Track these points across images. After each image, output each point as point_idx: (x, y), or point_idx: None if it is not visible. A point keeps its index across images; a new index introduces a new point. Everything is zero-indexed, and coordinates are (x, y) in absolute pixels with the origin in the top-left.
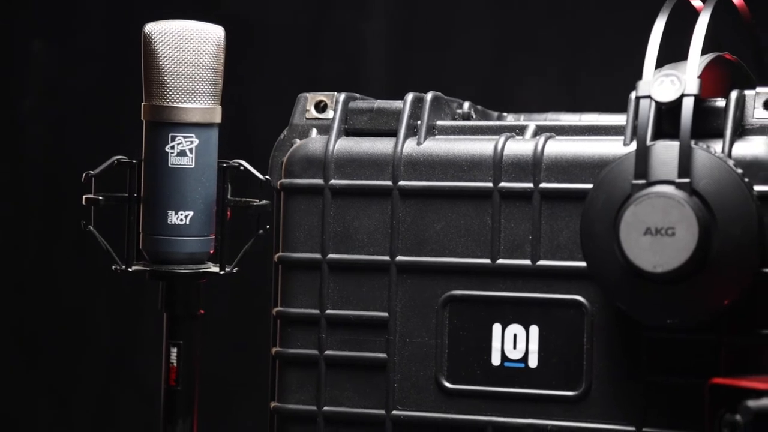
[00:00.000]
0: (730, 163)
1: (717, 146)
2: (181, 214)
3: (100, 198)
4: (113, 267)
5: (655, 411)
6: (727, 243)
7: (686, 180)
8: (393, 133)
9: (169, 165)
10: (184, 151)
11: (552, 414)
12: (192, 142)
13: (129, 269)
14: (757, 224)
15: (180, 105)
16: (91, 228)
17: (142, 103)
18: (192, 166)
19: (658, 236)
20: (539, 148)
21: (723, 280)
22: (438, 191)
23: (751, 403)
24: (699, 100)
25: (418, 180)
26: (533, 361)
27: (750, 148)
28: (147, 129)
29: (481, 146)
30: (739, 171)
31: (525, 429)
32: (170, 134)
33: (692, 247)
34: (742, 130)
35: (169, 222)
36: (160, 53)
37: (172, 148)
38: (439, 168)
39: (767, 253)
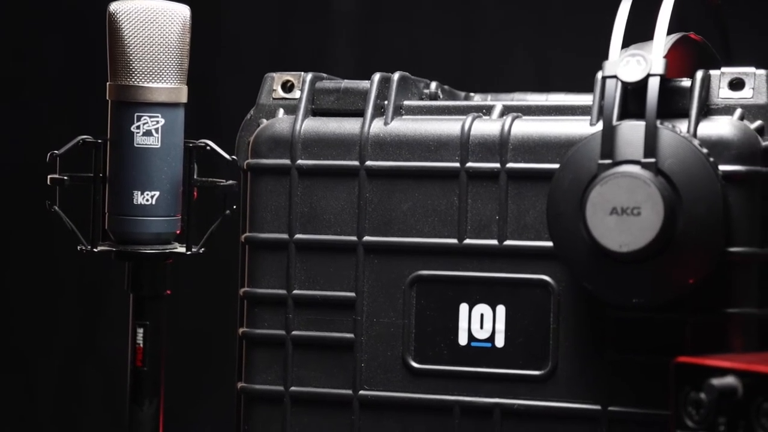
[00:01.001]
0: (696, 142)
1: (683, 126)
2: (147, 195)
3: (65, 178)
4: (78, 247)
5: (620, 390)
6: (692, 223)
7: (652, 160)
8: (360, 114)
9: (135, 145)
10: (149, 131)
11: (519, 393)
12: (158, 122)
13: (94, 250)
14: (722, 204)
15: (145, 84)
16: (56, 208)
17: (108, 83)
18: (158, 146)
19: (624, 216)
20: (506, 128)
21: (688, 259)
22: (405, 171)
23: (716, 381)
24: (665, 80)
25: (385, 160)
26: (500, 341)
27: (715, 127)
28: (112, 109)
29: (448, 126)
30: (705, 151)
31: (492, 408)
32: (136, 114)
33: (658, 227)
34: (707, 110)
35: (134, 202)
36: (125, 32)
37: (138, 128)
38: (406, 148)
39: (732, 232)
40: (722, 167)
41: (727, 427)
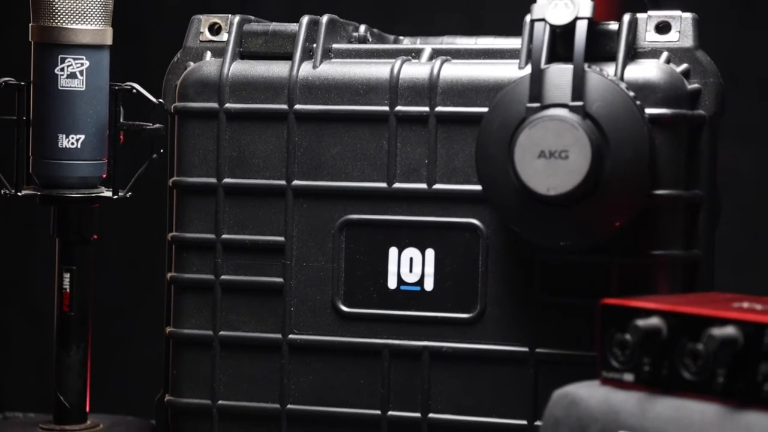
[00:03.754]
0: (623, 86)
1: (610, 69)
2: (72, 138)
3: None
4: (2, 191)
5: (548, 332)
6: (619, 166)
7: (579, 103)
8: (288, 57)
9: (59, 87)
10: (74, 74)
11: (448, 336)
12: (82, 64)
13: (19, 194)
14: (649, 147)
15: (69, 26)
16: None
17: (30, 24)
18: (82, 89)
19: (552, 159)
20: (435, 71)
21: (615, 202)
22: (334, 115)
23: (640, 322)
24: (592, 24)
25: (314, 104)
26: (429, 285)
27: (642, 71)
28: (36, 50)
29: (377, 70)
30: (632, 94)
31: (421, 351)
32: (60, 56)
33: (585, 170)
34: (634, 54)
35: (59, 146)
36: None
37: (62, 70)
38: (335, 92)
39: (658, 175)
40: (649, 110)
41: (651, 368)
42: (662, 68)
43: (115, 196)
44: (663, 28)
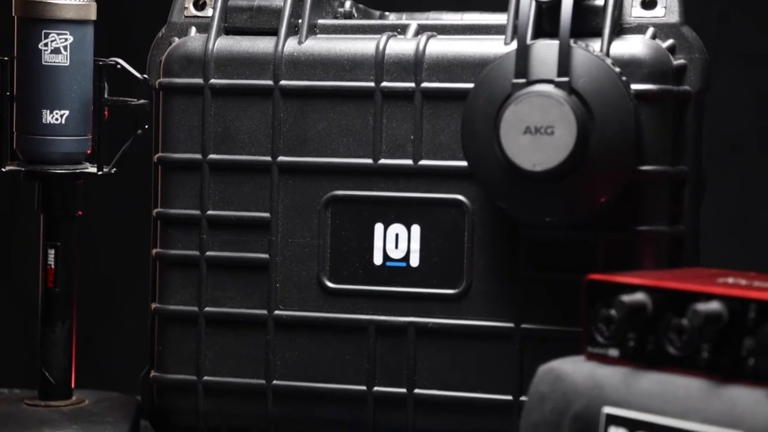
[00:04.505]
0: (608, 61)
1: (596, 45)
2: (56, 113)
3: None
4: None
5: (533, 307)
6: (604, 141)
7: (565, 79)
8: (274, 32)
9: (43, 62)
10: (58, 49)
11: (433, 312)
12: (66, 40)
13: (2, 170)
14: (634, 123)
15: (53, 0)
16: None
17: None
18: (66, 64)
19: (538, 135)
20: (421, 47)
21: (600, 178)
22: (319, 91)
23: (626, 298)
24: None
25: (300, 80)
26: (415, 261)
27: (628, 46)
28: (19, 25)
29: (363, 45)
30: (617, 70)
31: (406, 327)
32: (43, 31)
33: (571, 146)
34: (620, 29)
35: (43, 121)
36: None
37: (46, 45)
38: (320, 67)
39: (643, 151)
40: (634, 86)
41: (636, 343)
42: (648, 44)
43: (100, 172)
44: (649, 3)
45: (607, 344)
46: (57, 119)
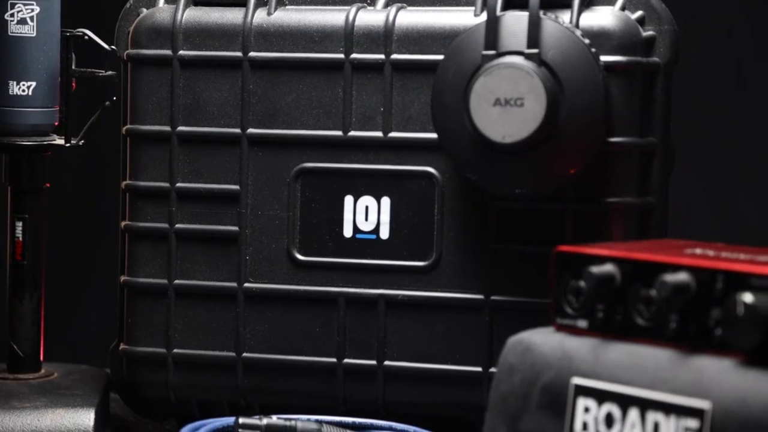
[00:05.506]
0: (578, 33)
1: (565, 17)
2: (23, 85)
3: None
4: None
5: (503, 279)
6: (574, 113)
7: (535, 51)
8: (243, 3)
9: (9, 33)
10: (24, 19)
11: (403, 284)
12: (33, 10)
13: None
14: (604, 94)
15: None
16: None
17: None
18: (33, 35)
19: (507, 107)
20: (391, 18)
21: (570, 150)
22: (289, 63)
23: (595, 269)
24: None
25: (269, 51)
26: (385, 233)
27: (597, 18)
28: None
29: (333, 17)
30: (587, 41)
31: (376, 299)
32: (10, 2)
33: (540, 118)
34: (589, 1)
35: (10, 92)
36: None
37: (12, 15)
38: (289, 39)
39: (613, 122)
40: (604, 58)
41: (605, 314)
42: (617, 15)
43: (68, 144)
44: None
45: (576, 315)
46: (24, 90)
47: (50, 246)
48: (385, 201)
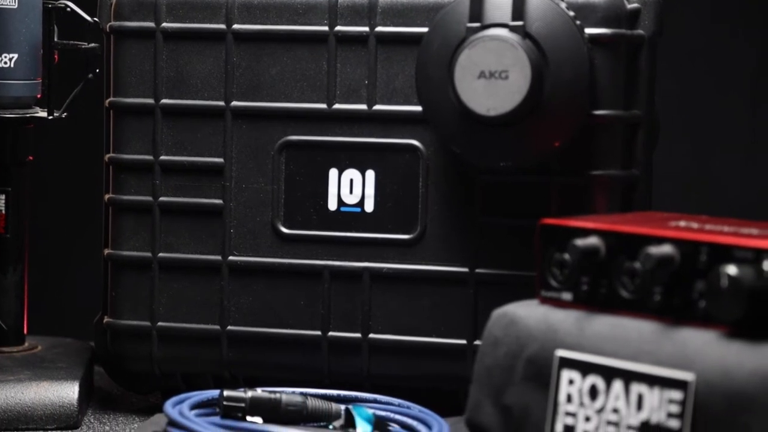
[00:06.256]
0: (563, 5)
1: None
2: (5, 57)
3: None
4: None
5: (488, 252)
6: (558, 86)
7: (520, 23)
8: None
9: None
10: None
11: (388, 257)
12: None
13: None
14: (588, 67)
15: None
16: None
17: None
18: (15, 7)
19: (492, 79)
20: None
21: (554, 122)
22: (273, 35)
23: (579, 242)
24: None
25: (253, 23)
26: (369, 206)
27: None
28: None
29: None
30: (571, 14)
31: (361, 272)
32: None
33: (525, 90)
34: None
35: None
36: None
37: None
38: (273, 11)
39: (597, 95)
40: (588, 30)
41: (589, 287)
42: None
43: (51, 117)
44: None
45: (560, 288)
46: (6, 63)
47: (33, 219)
48: (370, 174)
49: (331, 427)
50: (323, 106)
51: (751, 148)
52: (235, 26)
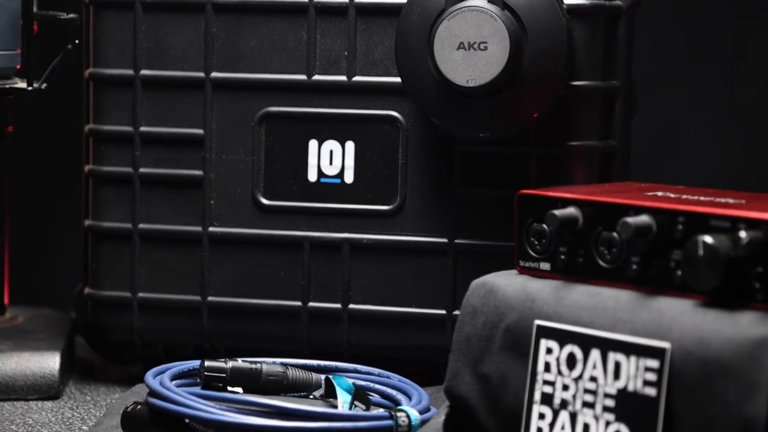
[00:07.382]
0: None
1: None
2: None
3: None
4: None
5: (467, 223)
6: (537, 57)
7: None
8: None
9: None
10: None
11: (368, 228)
12: None
13: None
14: (567, 38)
15: None
16: None
17: None
18: None
19: (471, 51)
20: None
21: (533, 93)
22: (252, 6)
23: (557, 212)
24: None
25: None
26: (349, 177)
27: None
28: None
29: None
30: None
31: (341, 243)
32: None
33: (503, 61)
34: None
35: None
36: None
37: None
38: None
39: (575, 66)
40: (567, 1)
41: (567, 256)
42: None
43: (30, 87)
44: None
45: (538, 258)
46: None
47: (14, 189)
48: (350, 145)
49: (311, 397)
50: (303, 77)
51: (727, 119)
52: None
